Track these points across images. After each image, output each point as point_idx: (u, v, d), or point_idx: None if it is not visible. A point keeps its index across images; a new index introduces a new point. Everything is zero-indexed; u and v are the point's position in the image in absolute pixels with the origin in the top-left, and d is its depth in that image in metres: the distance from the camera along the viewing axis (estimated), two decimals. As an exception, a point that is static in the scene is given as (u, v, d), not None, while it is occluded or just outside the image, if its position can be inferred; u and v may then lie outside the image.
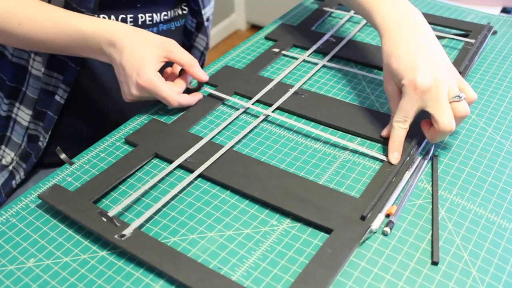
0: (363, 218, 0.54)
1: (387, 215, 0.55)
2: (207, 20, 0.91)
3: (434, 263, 0.50)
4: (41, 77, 0.78)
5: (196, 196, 0.59)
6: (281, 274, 0.50)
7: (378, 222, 0.53)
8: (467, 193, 0.58)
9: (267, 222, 0.55)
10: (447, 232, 0.54)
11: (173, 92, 0.68)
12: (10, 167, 0.83)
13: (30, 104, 0.81)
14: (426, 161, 0.62)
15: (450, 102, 0.58)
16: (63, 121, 0.81)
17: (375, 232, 0.54)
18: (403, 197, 0.57)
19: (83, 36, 0.67)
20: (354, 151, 0.64)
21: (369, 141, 0.66)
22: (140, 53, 0.66)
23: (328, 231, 0.53)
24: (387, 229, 0.53)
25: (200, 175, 0.61)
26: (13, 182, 0.81)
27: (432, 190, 0.58)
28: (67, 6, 0.72)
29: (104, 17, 0.75)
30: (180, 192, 0.60)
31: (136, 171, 0.63)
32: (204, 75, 0.71)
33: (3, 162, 0.83)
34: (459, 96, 0.58)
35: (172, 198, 0.59)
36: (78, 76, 0.77)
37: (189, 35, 0.91)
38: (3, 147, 0.84)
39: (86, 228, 0.54)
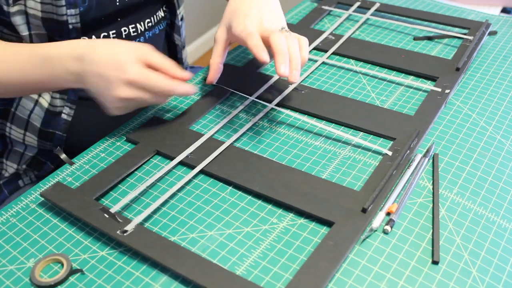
0: (364, 210, 0.54)
1: (388, 213, 0.55)
2: (181, 19, 0.89)
3: (435, 262, 0.50)
4: (35, 98, 0.77)
5: (196, 195, 0.59)
6: (281, 272, 0.50)
7: (378, 220, 0.53)
8: (468, 192, 0.58)
9: (267, 220, 0.55)
10: (447, 231, 0.54)
11: (169, 81, 0.63)
12: (21, 171, 0.82)
13: (21, 123, 0.80)
14: (427, 159, 0.62)
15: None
16: (70, 136, 0.79)
17: (375, 230, 0.54)
18: (403, 196, 0.57)
19: (49, 59, 0.63)
20: (356, 146, 0.64)
21: (371, 136, 0.66)
22: (118, 56, 0.61)
23: (329, 224, 0.54)
24: (387, 227, 0.53)
25: (201, 171, 0.61)
26: (20, 181, 0.81)
27: (433, 188, 0.58)
28: (50, 39, 0.70)
29: (84, 38, 0.72)
30: (181, 189, 0.60)
31: (138, 168, 0.63)
32: (184, 73, 0.66)
33: (6, 175, 0.83)
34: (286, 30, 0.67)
35: (174, 195, 0.59)
36: (80, 93, 0.76)
37: (168, 34, 0.90)
38: (4, 160, 0.84)
39: (89, 225, 0.55)
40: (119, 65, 0.60)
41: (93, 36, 0.74)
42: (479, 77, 0.78)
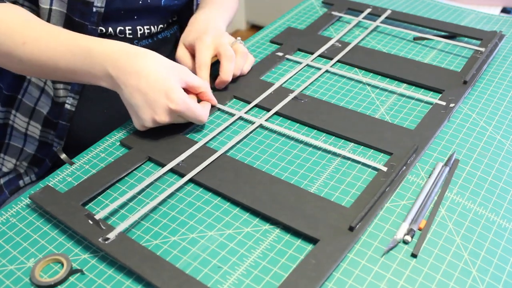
0: (351, 229, 0.52)
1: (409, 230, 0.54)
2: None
3: (413, 255, 0.51)
4: (41, 85, 0.78)
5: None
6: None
7: (402, 232, 0.53)
8: (468, 192, 0.58)
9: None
10: (447, 231, 0.54)
11: (202, 109, 0.66)
12: (21, 170, 0.83)
13: (26, 111, 0.81)
14: (448, 168, 0.60)
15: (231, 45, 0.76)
16: (74, 126, 0.80)
17: (399, 242, 0.53)
18: (434, 210, 0.56)
19: (89, 54, 0.63)
20: (351, 160, 0.63)
21: (370, 150, 0.65)
22: (162, 76, 0.62)
23: (314, 241, 0.52)
24: (408, 237, 0.52)
25: (191, 180, 0.60)
26: (21, 182, 0.81)
27: (441, 190, 0.58)
28: (68, 19, 0.71)
29: (101, 29, 0.75)
30: (170, 196, 0.59)
31: (128, 174, 0.62)
32: (215, 100, 0.70)
33: (4, 169, 0.83)
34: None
35: (161, 203, 0.58)
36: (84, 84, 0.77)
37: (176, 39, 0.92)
38: (2, 154, 0.84)
39: (72, 230, 0.54)
40: (168, 91, 0.61)
41: (110, 29, 0.76)
42: (479, 77, 0.78)
